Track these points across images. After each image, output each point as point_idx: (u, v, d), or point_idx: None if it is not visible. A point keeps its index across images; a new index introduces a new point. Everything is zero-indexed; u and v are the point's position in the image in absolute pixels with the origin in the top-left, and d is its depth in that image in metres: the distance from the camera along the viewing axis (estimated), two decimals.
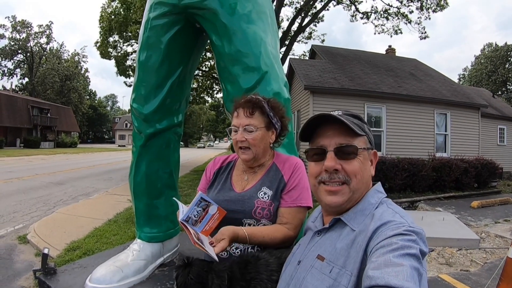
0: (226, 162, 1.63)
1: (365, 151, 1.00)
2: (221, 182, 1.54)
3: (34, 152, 26.63)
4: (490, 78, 45.45)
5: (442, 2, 14.51)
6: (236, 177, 1.54)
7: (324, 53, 14.83)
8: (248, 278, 1.20)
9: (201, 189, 1.61)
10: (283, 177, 1.46)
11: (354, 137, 0.97)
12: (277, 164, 1.51)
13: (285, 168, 1.49)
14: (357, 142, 0.97)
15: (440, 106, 11.98)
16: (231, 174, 1.56)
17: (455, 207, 8.13)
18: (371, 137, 1.04)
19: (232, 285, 1.20)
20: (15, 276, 3.46)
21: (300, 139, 1.11)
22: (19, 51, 52.05)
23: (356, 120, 1.02)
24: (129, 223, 5.29)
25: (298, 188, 1.44)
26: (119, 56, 15.63)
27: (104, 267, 1.84)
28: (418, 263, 0.71)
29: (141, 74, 2.04)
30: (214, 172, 1.60)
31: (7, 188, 8.62)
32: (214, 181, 1.57)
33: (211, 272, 1.20)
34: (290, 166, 1.50)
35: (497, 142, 15.94)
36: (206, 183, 1.61)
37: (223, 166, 1.61)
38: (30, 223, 5.44)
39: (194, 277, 1.17)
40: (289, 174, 1.47)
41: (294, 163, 1.51)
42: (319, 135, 1.02)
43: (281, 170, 1.49)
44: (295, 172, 1.48)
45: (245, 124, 1.40)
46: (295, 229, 1.41)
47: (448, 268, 4.28)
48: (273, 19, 2.06)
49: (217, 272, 1.20)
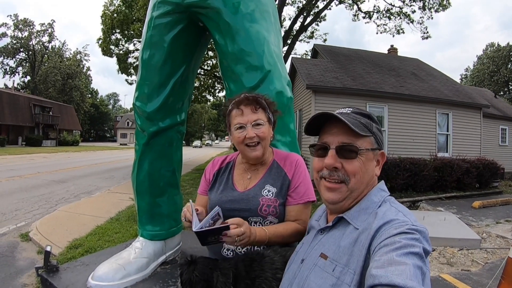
0: (225, 162, 1.62)
1: (369, 152, 0.99)
2: (223, 183, 1.54)
3: (36, 150, 26.68)
4: (492, 78, 45.32)
5: (444, 2, 14.47)
6: (237, 177, 1.54)
7: (326, 53, 14.82)
8: (253, 276, 1.21)
9: (202, 192, 1.60)
10: (287, 175, 1.47)
11: (358, 137, 0.97)
12: (277, 161, 1.52)
13: (287, 165, 1.50)
14: (360, 142, 0.97)
15: (442, 106, 11.96)
16: (232, 174, 1.56)
17: (456, 207, 8.12)
18: (379, 137, 1.03)
19: (237, 282, 1.20)
20: (17, 273, 3.48)
21: (305, 133, 1.12)
22: (21, 50, 52.12)
23: (364, 119, 1.01)
24: (131, 221, 5.30)
25: (304, 185, 1.46)
26: (121, 54, 15.65)
27: (107, 265, 1.85)
28: (422, 261, 0.71)
29: (144, 73, 2.04)
30: (214, 174, 1.59)
31: (9, 186, 8.65)
32: (215, 183, 1.57)
33: (216, 270, 1.20)
34: (291, 163, 1.51)
35: (498, 143, 15.90)
36: (207, 185, 1.60)
37: (222, 167, 1.61)
38: (32, 221, 5.46)
39: (199, 275, 1.17)
40: (292, 171, 1.48)
41: (295, 160, 1.52)
42: (325, 131, 1.03)
43: (282, 167, 1.50)
44: (298, 169, 1.49)
45: (253, 119, 1.40)
46: (305, 223, 1.43)
47: (449, 268, 4.28)
48: (276, 18, 2.06)
49: (222, 269, 1.21)
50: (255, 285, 1.19)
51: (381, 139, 1.04)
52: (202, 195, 1.61)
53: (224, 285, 1.17)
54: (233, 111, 1.43)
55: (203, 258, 1.26)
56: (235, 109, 1.42)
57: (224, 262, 1.26)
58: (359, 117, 1.01)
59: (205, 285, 1.17)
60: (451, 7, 14.68)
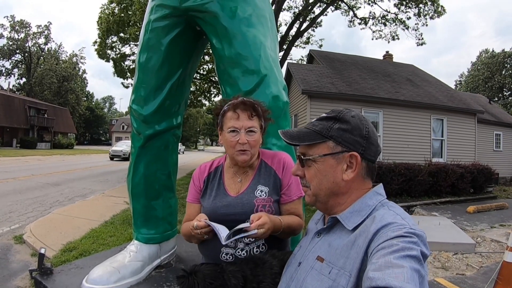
0: (214, 167, 1.60)
1: (327, 157, 0.97)
2: (214, 189, 1.52)
3: (31, 153, 26.49)
4: (487, 84, 45.68)
5: (439, 9, 14.61)
6: (228, 181, 1.53)
7: (322, 58, 14.90)
8: (257, 280, 1.21)
9: (192, 200, 1.56)
10: (276, 173, 1.50)
11: (311, 146, 1.00)
12: (265, 160, 1.54)
13: (275, 163, 1.53)
14: (313, 150, 1.00)
15: (437, 111, 12.05)
16: (222, 179, 1.54)
17: (451, 212, 8.16)
18: (345, 138, 0.96)
19: (246, 285, 1.20)
20: (11, 276, 3.44)
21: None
22: (17, 51, 51.85)
23: (322, 124, 1.00)
24: (126, 225, 5.28)
25: (294, 182, 1.49)
26: (117, 58, 15.63)
27: (101, 268, 1.84)
28: (419, 265, 0.71)
29: (141, 76, 2.05)
30: (204, 180, 1.55)
31: (3, 188, 8.56)
32: (206, 189, 1.54)
33: (225, 273, 1.20)
34: (279, 161, 1.53)
35: (493, 148, 16.03)
36: (197, 192, 1.56)
37: (211, 172, 1.57)
38: (26, 223, 5.41)
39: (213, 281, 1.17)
40: (281, 169, 1.51)
41: (283, 158, 1.54)
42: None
43: (271, 165, 1.53)
44: (287, 167, 1.51)
45: (248, 126, 1.41)
46: (302, 216, 1.51)
47: (444, 272, 4.30)
48: (273, 23, 2.08)
49: (232, 272, 1.21)
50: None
51: (348, 141, 0.96)
52: (193, 203, 1.56)
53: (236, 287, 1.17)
54: (228, 112, 1.43)
55: (203, 265, 1.25)
56: (231, 111, 1.42)
57: (229, 265, 1.26)
58: (318, 123, 1.01)
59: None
60: (447, 13, 14.84)
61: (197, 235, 1.30)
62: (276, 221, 1.32)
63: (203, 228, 1.29)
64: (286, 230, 1.38)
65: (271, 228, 1.27)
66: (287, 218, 1.41)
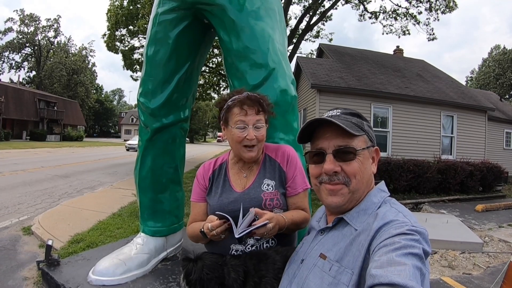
0: (218, 165, 1.58)
1: (365, 151, 0.99)
2: (220, 186, 1.51)
3: (40, 145, 26.82)
4: (498, 81, 44.98)
5: (451, 3, 14.38)
6: (233, 177, 1.53)
7: (332, 52, 14.77)
8: (260, 275, 1.21)
9: (197, 199, 1.55)
10: (281, 166, 1.50)
11: (353, 138, 0.97)
12: (269, 154, 1.54)
13: (279, 156, 1.52)
14: (355, 142, 0.97)
15: (447, 108, 11.90)
16: (227, 176, 1.54)
17: (459, 210, 8.08)
18: (371, 135, 1.04)
19: (247, 280, 1.20)
20: (18, 266, 3.49)
21: (299, 142, 1.11)
22: (27, 45, 52.33)
23: (355, 119, 1.01)
24: (133, 217, 5.32)
25: (300, 175, 1.50)
26: (126, 50, 15.68)
27: (108, 260, 1.85)
28: (421, 262, 0.71)
29: (149, 69, 2.05)
30: (209, 178, 1.54)
31: (12, 180, 8.69)
32: (211, 187, 1.53)
33: (226, 266, 1.19)
34: (283, 153, 1.53)
35: (503, 146, 15.81)
36: (202, 190, 1.55)
37: (216, 170, 1.57)
38: (35, 214, 5.48)
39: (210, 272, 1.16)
40: (285, 163, 1.50)
41: (287, 151, 1.54)
42: (318, 137, 1.02)
43: (275, 158, 1.52)
44: (291, 160, 1.51)
45: (255, 122, 1.40)
46: (308, 209, 1.49)
47: (451, 271, 4.26)
48: (282, 16, 2.05)
49: (233, 266, 1.20)
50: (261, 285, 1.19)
51: (373, 136, 1.05)
52: (198, 202, 1.55)
53: (235, 281, 1.16)
54: (234, 108, 1.41)
55: (209, 254, 1.24)
56: (237, 107, 1.41)
57: (232, 258, 1.26)
58: (349, 117, 1.01)
59: (217, 282, 1.15)
60: (458, 8, 14.58)
61: (214, 237, 1.25)
62: (279, 218, 1.31)
63: (219, 226, 1.24)
64: (291, 226, 1.37)
65: (277, 224, 1.26)
66: (290, 214, 1.40)
